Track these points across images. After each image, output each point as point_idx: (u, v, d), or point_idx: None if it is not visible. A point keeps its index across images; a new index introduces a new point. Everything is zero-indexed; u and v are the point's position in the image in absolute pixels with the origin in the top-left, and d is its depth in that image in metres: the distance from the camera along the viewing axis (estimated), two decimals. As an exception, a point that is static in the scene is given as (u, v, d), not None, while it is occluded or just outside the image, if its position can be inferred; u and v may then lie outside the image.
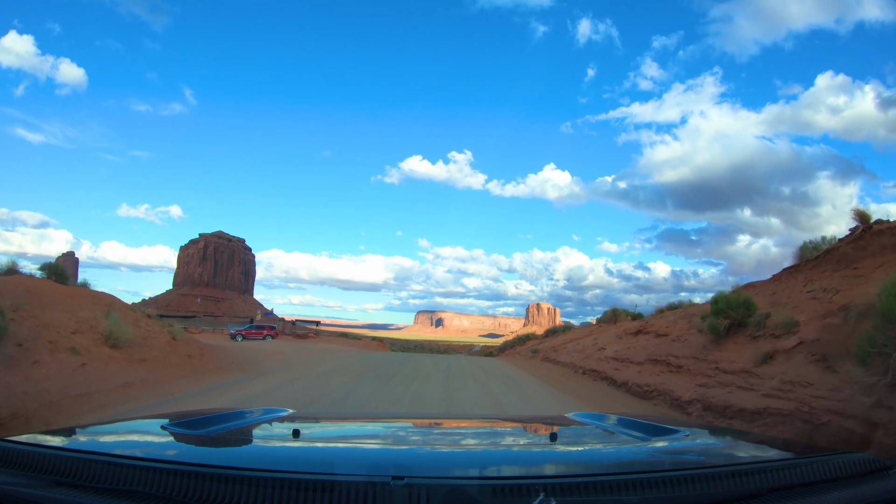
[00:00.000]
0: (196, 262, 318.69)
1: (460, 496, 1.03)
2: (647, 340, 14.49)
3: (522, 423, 2.53)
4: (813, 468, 1.25)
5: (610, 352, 15.47)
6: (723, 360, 9.58)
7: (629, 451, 1.59)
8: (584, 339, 21.72)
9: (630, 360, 13.22)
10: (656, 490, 1.09)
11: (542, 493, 1.03)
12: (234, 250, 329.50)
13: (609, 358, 14.62)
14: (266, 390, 9.98)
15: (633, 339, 15.78)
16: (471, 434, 2.11)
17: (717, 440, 1.96)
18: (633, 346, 14.49)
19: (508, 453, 1.65)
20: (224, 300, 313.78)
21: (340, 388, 10.57)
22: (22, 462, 1.19)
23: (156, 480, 1.09)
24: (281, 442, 1.67)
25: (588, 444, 1.82)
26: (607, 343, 17.16)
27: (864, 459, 1.31)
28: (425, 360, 20.95)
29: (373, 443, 1.81)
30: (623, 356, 13.92)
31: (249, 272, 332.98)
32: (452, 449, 1.73)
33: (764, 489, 1.16)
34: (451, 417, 5.55)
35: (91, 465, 1.14)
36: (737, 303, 10.54)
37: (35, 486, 1.12)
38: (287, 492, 1.03)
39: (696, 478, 1.15)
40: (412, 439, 1.96)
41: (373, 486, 1.03)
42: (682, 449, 1.62)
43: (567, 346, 21.29)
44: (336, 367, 15.60)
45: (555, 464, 1.46)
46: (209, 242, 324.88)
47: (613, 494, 1.07)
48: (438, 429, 2.36)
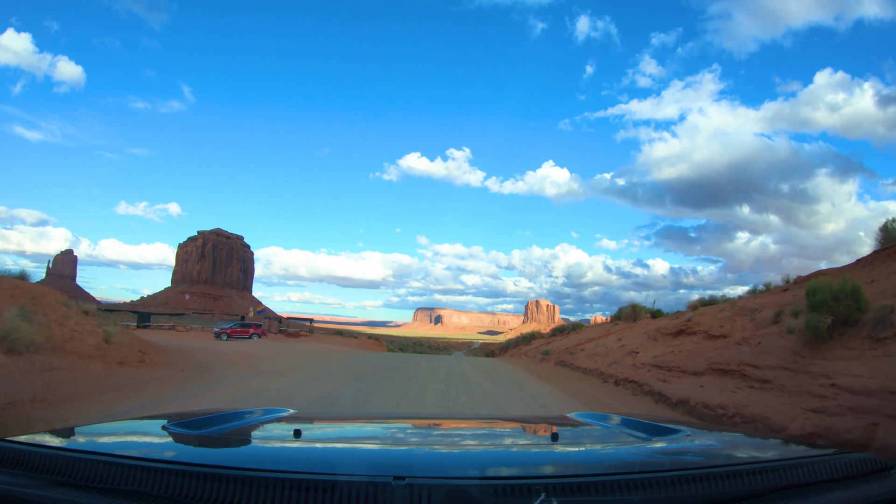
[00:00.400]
0: (195, 260, 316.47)
1: (462, 496, 1.03)
2: (696, 343, 11.61)
3: (523, 424, 2.54)
4: (814, 468, 1.24)
5: (646, 357, 12.59)
6: (838, 373, 6.73)
7: (630, 451, 1.56)
8: (604, 340, 18.83)
9: (680, 368, 10.34)
10: (658, 490, 1.09)
11: (543, 494, 1.02)
12: (232, 248, 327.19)
13: (648, 365, 11.74)
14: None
15: (673, 340, 12.91)
16: (472, 434, 2.08)
17: (719, 440, 1.88)
18: (679, 351, 11.60)
19: (510, 453, 1.62)
20: (223, 297, 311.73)
21: (304, 411, 7.70)
22: (23, 462, 1.19)
23: (157, 480, 1.09)
24: (282, 442, 1.64)
25: (589, 444, 1.80)
26: (639, 345, 14.29)
27: (866, 459, 1.29)
28: (421, 364, 18.08)
29: (374, 443, 1.78)
30: (668, 363, 11.04)
31: (248, 270, 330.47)
32: (453, 449, 1.70)
33: (765, 489, 1.15)
34: (452, 418, 5.19)
35: (92, 465, 1.14)
36: (843, 293, 7.67)
37: (36, 487, 1.12)
38: (288, 492, 1.03)
39: (697, 478, 1.14)
40: (413, 439, 1.93)
41: (374, 486, 1.03)
42: (684, 449, 1.59)
43: (585, 348, 18.39)
44: (312, 375, 12.70)
45: (556, 464, 1.44)
46: (207, 240, 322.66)
47: (615, 494, 1.06)
48: (439, 429, 2.32)
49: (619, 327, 21.96)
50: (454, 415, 7.20)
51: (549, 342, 28.91)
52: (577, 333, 26.69)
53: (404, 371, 14.46)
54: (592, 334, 22.64)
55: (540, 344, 30.24)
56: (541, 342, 31.68)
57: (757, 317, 11.11)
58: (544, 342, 30.42)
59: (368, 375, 12.83)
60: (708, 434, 2.05)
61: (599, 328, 25.11)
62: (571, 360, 17.37)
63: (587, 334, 23.79)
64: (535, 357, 23.99)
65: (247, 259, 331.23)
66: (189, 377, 11.41)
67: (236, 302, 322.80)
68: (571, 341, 22.79)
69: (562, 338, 28.07)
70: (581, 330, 28.42)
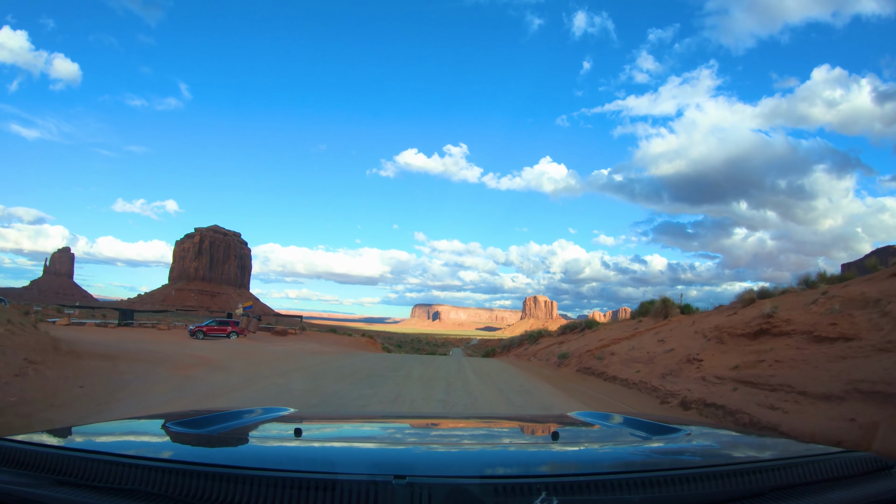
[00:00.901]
0: (192, 257, 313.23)
1: (462, 495, 1.01)
2: (797, 349, 8.17)
3: (524, 423, 2.52)
4: (814, 468, 1.22)
5: (719, 366, 9.16)
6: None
7: (631, 450, 1.53)
8: (638, 341, 15.37)
9: (792, 386, 6.91)
10: (658, 489, 1.07)
11: (543, 493, 1.01)
12: (229, 244, 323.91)
13: (729, 379, 8.30)
14: None
15: (752, 344, 9.46)
16: (472, 433, 2.06)
17: (719, 439, 1.87)
18: (774, 360, 8.15)
19: (510, 452, 1.59)
20: (220, 294, 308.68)
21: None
22: (24, 462, 1.18)
23: (158, 480, 1.07)
24: (282, 441, 1.62)
25: (589, 443, 1.78)
26: (697, 350, 10.84)
27: (866, 459, 1.28)
28: (414, 371, 14.64)
29: (374, 442, 1.76)
30: (764, 377, 7.61)
31: (245, 266, 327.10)
32: (454, 448, 1.66)
33: (765, 488, 1.13)
34: (453, 417, 4.77)
35: (93, 465, 1.13)
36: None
37: (37, 486, 1.11)
38: (289, 491, 1.02)
39: (697, 477, 1.12)
40: (414, 439, 1.90)
41: (375, 485, 1.01)
42: (684, 448, 1.57)
43: (615, 352, 14.92)
44: (263, 395, 9.24)
45: (556, 463, 1.42)
46: (205, 237, 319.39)
47: (615, 493, 1.05)
48: (440, 428, 2.29)
49: (648, 325, 18.53)
50: (454, 414, 6.78)
51: (560, 341, 25.44)
52: (595, 332, 23.20)
53: (391, 385, 10.97)
54: (616, 334, 19.19)
55: (550, 343, 26.76)
56: (550, 341, 28.17)
57: (890, 309, 7.69)
58: (555, 341, 26.94)
59: (339, 394, 9.35)
60: (708, 433, 2.00)
61: (622, 326, 21.62)
62: (600, 366, 13.91)
63: (609, 333, 20.32)
64: (548, 360, 20.51)
65: (244, 256, 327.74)
66: (78, 397, 7.95)
67: (234, 299, 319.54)
68: (591, 342, 19.33)
69: (576, 337, 24.59)
70: (599, 329, 24.88)
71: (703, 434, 1.88)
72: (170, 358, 14.19)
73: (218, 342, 25.52)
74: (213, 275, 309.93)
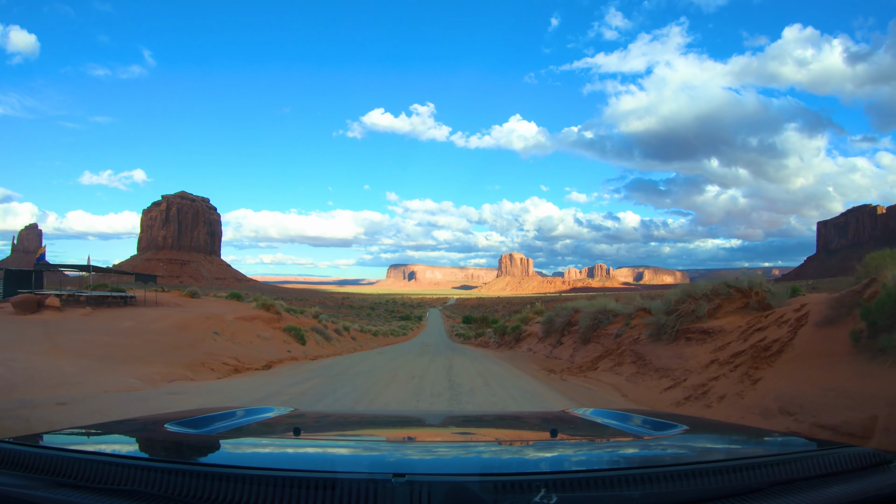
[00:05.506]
0: (159, 225, 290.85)
1: (462, 493, 0.98)
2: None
3: (523, 420, 2.48)
4: (814, 462, 1.19)
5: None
6: None
7: (630, 446, 1.51)
8: None
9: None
10: (658, 485, 1.04)
11: (543, 489, 0.98)
12: (198, 210, 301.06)
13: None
14: None
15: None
16: (472, 431, 2.01)
17: (718, 435, 1.84)
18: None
19: (509, 450, 1.56)
20: (189, 263, 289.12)
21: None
22: (23, 463, 1.15)
23: (157, 480, 1.04)
24: (282, 440, 1.61)
25: (589, 439, 1.74)
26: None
27: (865, 453, 1.25)
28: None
29: (374, 441, 1.75)
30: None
31: (215, 232, 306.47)
32: (453, 446, 1.63)
33: (765, 483, 1.10)
34: (452, 415, 4.53)
35: (92, 466, 1.10)
36: None
37: (37, 488, 1.08)
38: (289, 490, 0.99)
39: (696, 472, 1.08)
40: (413, 437, 1.86)
41: (374, 483, 0.98)
42: (684, 444, 1.54)
43: None
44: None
45: (555, 460, 1.39)
46: (171, 203, 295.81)
47: (615, 489, 1.02)
48: (439, 426, 2.23)
49: None
50: (454, 412, 6.46)
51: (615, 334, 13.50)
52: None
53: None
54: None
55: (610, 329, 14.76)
56: (577, 315, 16.25)
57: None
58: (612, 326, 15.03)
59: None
60: (708, 429, 1.99)
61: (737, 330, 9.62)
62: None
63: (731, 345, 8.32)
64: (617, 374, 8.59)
65: (213, 221, 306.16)
66: None
67: (204, 266, 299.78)
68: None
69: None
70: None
71: (702, 429, 1.85)
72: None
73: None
74: (182, 242, 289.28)
